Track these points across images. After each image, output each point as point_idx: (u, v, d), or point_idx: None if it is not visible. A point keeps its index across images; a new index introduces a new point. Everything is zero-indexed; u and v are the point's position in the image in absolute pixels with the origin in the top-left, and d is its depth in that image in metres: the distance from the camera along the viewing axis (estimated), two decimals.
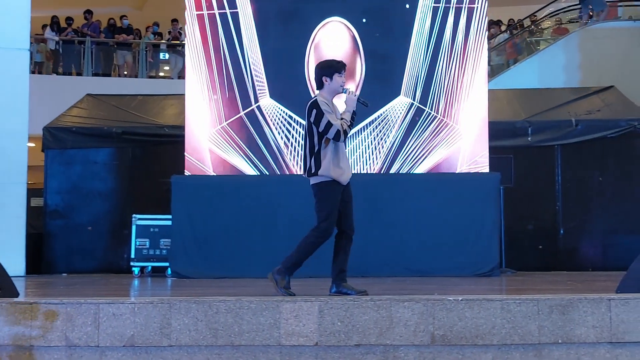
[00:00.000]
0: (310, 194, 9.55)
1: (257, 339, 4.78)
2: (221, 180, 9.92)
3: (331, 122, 5.76)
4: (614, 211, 11.09)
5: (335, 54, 9.62)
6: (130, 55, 17.58)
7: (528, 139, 11.27)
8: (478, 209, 9.60)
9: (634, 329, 4.74)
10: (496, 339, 4.72)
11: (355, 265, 9.27)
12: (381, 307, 4.78)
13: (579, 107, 11.85)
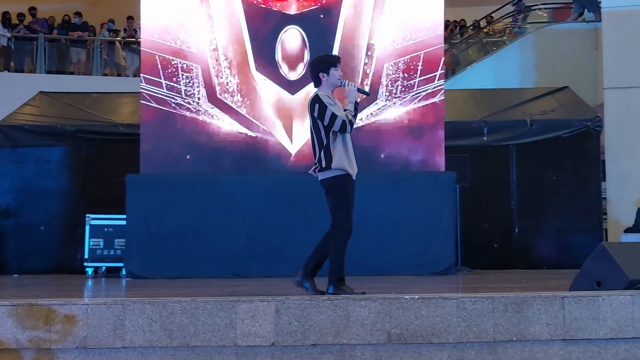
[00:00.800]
0: (267, 194, 9.65)
1: (213, 340, 4.73)
2: (177, 179, 9.81)
3: (335, 113, 5.71)
4: (568, 210, 11.24)
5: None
6: (84, 52, 17.32)
7: (484, 139, 11.37)
8: (434, 208, 9.66)
9: (587, 326, 4.80)
10: (452, 337, 4.74)
11: None
12: (338, 306, 4.77)
13: (533, 107, 11.99)
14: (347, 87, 5.93)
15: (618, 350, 4.85)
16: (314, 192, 9.71)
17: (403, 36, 10.23)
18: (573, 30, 14.74)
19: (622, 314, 4.84)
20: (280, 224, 9.54)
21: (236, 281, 8.53)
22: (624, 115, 12.33)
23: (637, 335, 4.84)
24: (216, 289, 7.14)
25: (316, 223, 9.47)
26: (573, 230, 11.13)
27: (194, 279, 8.84)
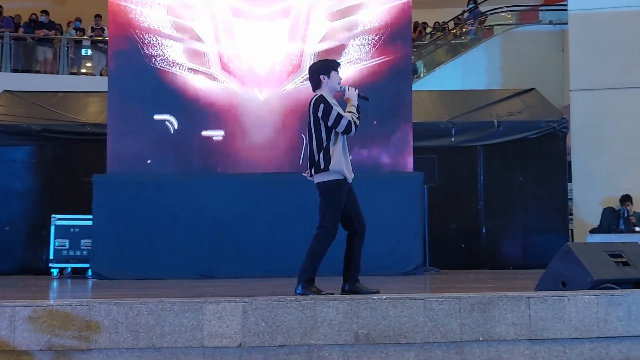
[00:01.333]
0: (235, 194, 9.61)
1: (180, 341, 4.69)
2: (144, 179, 9.74)
3: (341, 114, 5.67)
4: (534, 210, 11.35)
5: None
6: (50, 51, 17.12)
7: (451, 140, 11.44)
8: (402, 208, 9.68)
9: (552, 326, 4.84)
10: (419, 337, 4.75)
11: (281, 265, 9.36)
12: (306, 307, 4.75)
13: (500, 109, 12.10)
14: (347, 91, 5.90)
15: (583, 349, 4.90)
16: (281, 192, 9.81)
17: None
18: (540, 33, 14.89)
19: (587, 313, 4.88)
20: (248, 224, 9.52)
21: (203, 282, 8.49)
22: (590, 117, 12.48)
23: (601, 335, 4.89)
24: (183, 290, 7.09)
25: (284, 222, 9.60)
26: (539, 230, 11.25)
27: (161, 279, 8.78)
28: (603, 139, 12.37)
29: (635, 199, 11.68)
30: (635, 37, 12.43)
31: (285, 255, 9.46)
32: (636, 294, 5.00)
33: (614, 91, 12.39)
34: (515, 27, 15.50)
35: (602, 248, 5.68)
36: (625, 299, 4.95)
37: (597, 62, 12.53)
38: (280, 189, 9.65)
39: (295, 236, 9.43)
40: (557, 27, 14.67)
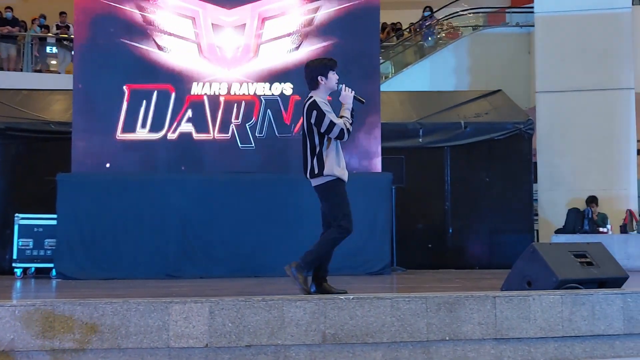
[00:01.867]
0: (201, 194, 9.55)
1: (145, 342, 4.65)
2: (109, 178, 9.64)
3: (334, 121, 5.68)
4: (500, 211, 11.45)
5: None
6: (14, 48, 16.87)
7: (419, 140, 11.49)
8: (370, 209, 9.70)
9: (517, 326, 4.87)
10: (386, 336, 4.75)
11: (248, 266, 9.35)
12: (273, 307, 4.73)
13: (467, 110, 12.18)
14: (343, 92, 5.90)
15: (547, 348, 4.94)
16: (248, 192, 9.78)
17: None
18: (507, 35, 15.00)
19: (552, 313, 4.93)
20: (214, 224, 9.48)
21: (170, 282, 8.43)
22: (555, 119, 12.61)
23: (566, 334, 4.94)
24: (149, 290, 7.03)
25: (251, 223, 9.57)
26: (505, 230, 11.34)
27: (126, 280, 8.71)
28: (568, 141, 12.51)
29: (599, 199, 11.82)
30: (600, 40, 12.59)
31: (252, 255, 9.45)
32: (600, 293, 5.06)
33: (579, 93, 12.54)
34: (482, 29, 15.60)
35: (567, 248, 5.73)
36: (589, 298, 5.01)
37: (563, 65, 12.67)
38: (248, 190, 9.62)
39: (262, 236, 9.47)
40: (524, 29, 14.79)
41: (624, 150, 12.48)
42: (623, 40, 12.61)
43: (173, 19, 9.91)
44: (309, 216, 9.53)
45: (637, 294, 5.09)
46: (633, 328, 5.04)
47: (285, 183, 9.75)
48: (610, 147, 12.45)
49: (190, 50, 9.79)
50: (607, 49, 12.58)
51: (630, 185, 12.45)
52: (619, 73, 12.57)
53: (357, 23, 10.25)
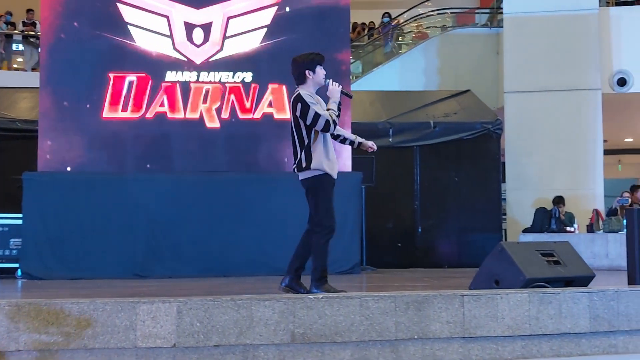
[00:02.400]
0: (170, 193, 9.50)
1: (112, 342, 4.60)
2: (76, 177, 9.56)
3: (319, 112, 5.66)
4: (469, 210, 11.52)
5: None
6: None
7: (389, 140, 11.53)
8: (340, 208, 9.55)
9: (485, 324, 4.90)
10: (355, 335, 4.75)
11: (217, 265, 9.31)
12: (241, 306, 4.71)
13: (437, 110, 12.24)
14: (330, 86, 5.89)
15: (515, 347, 4.97)
16: (216, 192, 9.76)
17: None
18: (476, 35, 15.10)
19: (519, 312, 4.96)
20: (183, 224, 9.44)
21: (137, 282, 8.37)
22: (523, 119, 12.74)
23: (533, 332, 4.97)
24: (116, 290, 6.97)
25: (220, 222, 9.54)
26: (474, 230, 11.42)
27: (93, 279, 8.63)
28: (535, 141, 12.63)
29: (566, 199, 11.95)
30: (567, 41, 12.73)
31: (221, 254, 9.42)
32: (566, 292, 5.10)
33: (547, 93, 12.67)
34: (451, 29, 15.69)
35: (534, 247, 5.77)
36: (556, 297, 5.05)
37: (531, 65, 12.79)
38: (217, 189, 9.62)
39: (231, 235, 9.44)
40: (493, 29, 14.91)
41: (591, 151, 12.63)
42: (590, 41, 12.76)
43: (149, 17, 10.14)
44: (277, 215, 9.58)
45: (603, 292, 5.15)
46: (599, 326, 5.09)
47: (254, 182, 9.76)
48: (577, 147, 12.59)
49: (165, 44, 10.13)
50: (575, 49, 12.73)
51: (597, 185, 12.61)
52: (585, 74, 12.72)
53: (326, 23, 10.33)
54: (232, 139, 10.07)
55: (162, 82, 10.00)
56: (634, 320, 5.17)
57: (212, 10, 10.12)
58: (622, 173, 20.08)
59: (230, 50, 10.13)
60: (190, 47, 10.11)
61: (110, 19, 9.98)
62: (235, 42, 10.14)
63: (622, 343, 5.19)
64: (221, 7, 10.16)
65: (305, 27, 10.25)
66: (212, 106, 10.06)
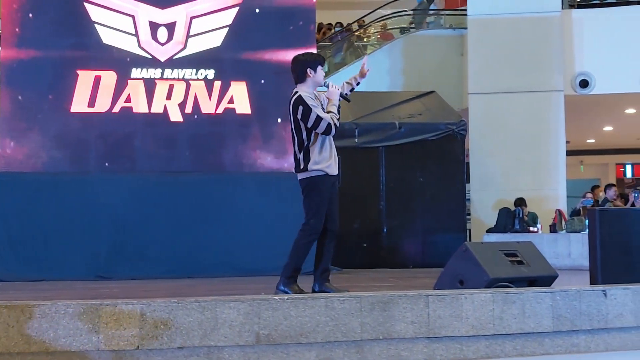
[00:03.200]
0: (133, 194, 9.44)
1: (75, 345, 4.54)
2: (38, 177, 9.45)
3: (320, 116, 5.65)
4: (434, 210, 11.57)
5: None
6: None
7: (355, 141, 11.54)
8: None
9: (449, 324, 4.92)
10: (320, 336, 4.75)
11: (182, 266, 9.26)
12: (206, 308, 4.68)
13: (402, 111, 12.28)
14: (330, 88, 5.88)
15: (479, 347, 5.00)
16: (181, 192, 9.71)
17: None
18: (440, 37, 15.19)
19: (483, 311, 4.99)
20: (147, 225, 9.38)
21: (100, 283, 8.28)
22: (487, 120, 12.84)
23: (497, 332, 5.01)
24: (79, 292, 6.89)
25: (185, 223, 9.49)
26: (438, 230, 11.47)
27: (56, 281, 8.52)
28: (499, 142, 12.74)
29: (528, 199, 12.07)
30: (530, 43, 12.86)
31: (185, 255, 9.37)
32: (530, 292, 5.15)
33: (510, 95, 12.79)
34: (416, 30, 15.76)
35: (498, 247, 5.82)
36: (519, 297, 5.09)
37: (495, 67, 12.90)
38: (181, 190, 9.59)
39: (196, 236, 9.40)
40: (457, 31, 14.99)
41: (554, 152, 12.78)
42: (553, 43, 12.90)
43: (115, 16, 10.19)
44: (243, 216, 9.57)
45: (565, 292, 5.20)
46: (561, 326, 5.15)
47: (219, 183, 9.74)
48: (540, 148, 12.73)
49: (131, 42, 10.18)
50: (538, 51, 12.86)
51: (560, 185, 12.76)
52: (548, 75, 12.86)
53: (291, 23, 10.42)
54: (197, 138, 10.07)
55: (128, 78, 10.04)
56: (595, 320, 5.23)
57: (176, 11, 10.23)
58: (584, 174, 20.37)
59: (194, 49, 10.23)
60: (154, 46, 10.17)
61: (77, 18, 9.99)
62: (198, 41, 10.24)
63: (584, 342, 5.25)
64: (185, 7, 10.26)
65: (268, 27, 10.34)
66: (175, 101, 10.12)
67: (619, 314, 5.31)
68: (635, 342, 5.39)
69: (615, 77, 13.06)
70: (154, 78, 10.11)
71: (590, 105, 14.21)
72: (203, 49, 10.24)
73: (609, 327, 5.29)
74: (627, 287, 5.40)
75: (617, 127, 17.47)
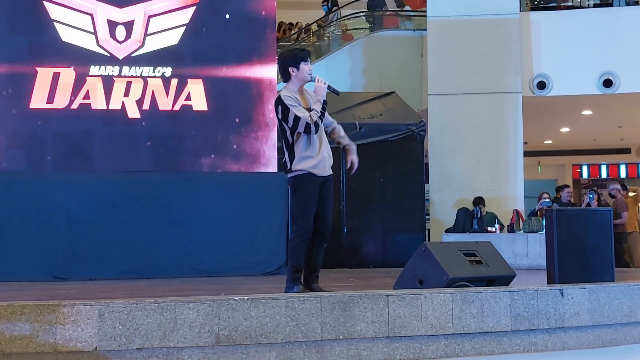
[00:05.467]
0: (91, 194, 9.36)
1: (31, 346, 4.47)
2: None
3: (298, 115, 5.57)
4: (394, 210, 11.63)
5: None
6: None
7: None
8: (266, 208, 9.73)
9: (409, 324, 4.95)
10: (280, 337, 4.74)
11: (140, 267, 9.19)
12: (165, 309, 4.64)
13: (362, 111, 12.31)
14: (316, 83, 5.79)
15: (438, 346, 5.04)
16: (139, 192, 9.63)
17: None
18: (400, 38, 15.26)
19: (442, 311, 5.03)
20: (105, 225, 9.30)
21: (57, 284, 8.17)
22: (446, 121, 12.93)
23: (456, 331, 5.05)
24: (35, 293, 6.79)
25: (143, 223, 9.43)
26: (398, 229, 11.53)
27: (11, 282, 8.37)
28: (458, 142, 12.84)
29: (487, 199, 12.18)
30: (489, 45, 12.98)
31: (144, 256, 9.29)
32: (488, 291, 5.20)
33: (469, 96, 12.89)
34: (376, 31, 15.80)
35: (457, 247, 5.85)
36: (478, 296, 5.14)
37: (454, 68, 12.99)
38: (140, 190, 9.52)
39: (155, 237, 9.34)
40: (417, 32, 15.07)
41: (512, 152, 12.92)
42: (511, 45, 13.03)
43: (74, 14, 10.11)
44: (202, 217, 9.53)
45: (523, 291, 5.27)
46: (519, 325, 5.21)
47: (178, 183, 9.69)
48: (499, 149, 12.85)
49: (89, 40, 10.14)
50: (496, 53, 12.98)
51: (518, 186, 12.90)
52: (507, 77, 12.99)
53: (250, 20, 10.42)
54: (156, 137, 10.01)
55: (87, 76, 9.99)
56: (552, 319, 5.31)
57: (134, 9, 10.22)
58: (542, 174, 20.64)
59: (151, 47, 10.22)
60: (113, 44, 10.13)
61: (36, 16, 9.90)
62: (156, 39, 10.23)
63: (541, 341, 5.32)
64: (143, 6, 10.24)
65: (225, 25, 10.38)
66: (133, 98, 10.09)
67: (575, 313, 5.39)
68: (592, 340, 5.49)
69: (572, 79, 13.24)
70: (112, 75, 10.06)
71: (548, 107, 14.39)
72: (160, 47, 10.23)
73: (566, 326, 5.37)
74: (583, 287, 5.49)
75: (574, 128, 17.72)
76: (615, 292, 5.58)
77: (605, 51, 13.11)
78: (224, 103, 10.23)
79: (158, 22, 10.26)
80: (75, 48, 9.99)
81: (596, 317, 5.47)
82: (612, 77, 13.05)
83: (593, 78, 13.16)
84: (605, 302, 5.52)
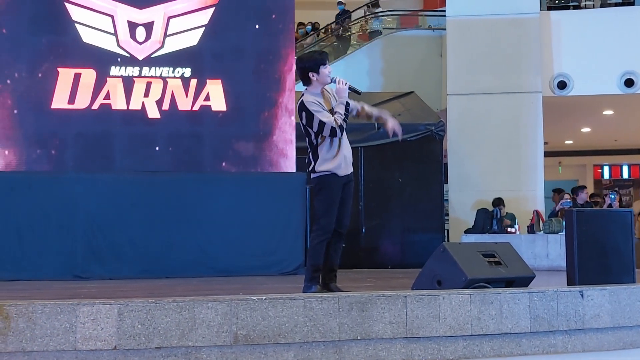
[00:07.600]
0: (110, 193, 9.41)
1: (52, 344, 4.51)
2: (14, 176, 9.39)
3: (323, 120, 5.61)
4: (412, 210, 11.61)
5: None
6: None
7: None
8: (284, 209, 9.73)
9: (427, 325, 4.94)
10: (298, 337, 4.74)
11: (159, 267, 9.23)
12: (184, 308, 4.66)
13: None
14: (337, 85, 5.80)
15: (457, 347, 5.02)
16: (158, 192, 9.69)
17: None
18: (419, 37, 15.24)
19: (461, 312, 5.01)
20: (124, 224, 9.36)
21: (77, 283, 8.23)
22: (465, 121, 12.89)
23: (474, 332, 5.03)
24: (56, 292, 6.84)
25: (161, 223, 9.48)
26: (417, 230, 11.51)
27: (32, 281, 8.45)
28: (477, 143, 12.79)
29: (507, 200, 12.13)
30: (508, 44, 12.92)
31: (162, 255, 9.35)
32: (507, 292, 5.17)
33: (489, 96, 12.84)
34: (395, 31, 15.78)
35: (476, 248, 5.82)
36: (497, 297, 5.12)
37: (473, 68, 12.95)
38: (158, 190, 9.57)
39: (174, 236, 9.38)
40: (436, 32, 15.04)
41: (532, 153, 12.85)
42: (531, 45, 12.97)
43: (95, 16, 10.22)
44: (220, 216, 9.56)
45: (543, 292, 5.23)
46: (539, 326, 5.18)
47: (196, 182, 9.73)
48: (518, 149, 12.79)
49: (110, 41, 10.23)
50: (516, 53, 12.93)
51: (537, 186, 12.83)
52: (526, 77, 12.93)
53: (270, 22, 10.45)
54: (175, 137, 10.05)
55: (107, 76, 10.06)
56: (572, 320, 5.27)
57: (153, 10, 10.29)
58: (563, 175, 20.51)
59: (171, 48, 10.28)
60: (133, 44, 10.18)
61: (57, 18, 10.00)
62: (175, 40, 10.30)
63: (561, 343, 5.28)
64: (163, 7, 10.31)
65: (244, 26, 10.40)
66: (153, 98, 10.15)
67: (595, 314, 5.35)
68: (612, 342, 5.44)
69: (593, 79, 13.15)
70: (132, 76, 10.13)
71: (569, 107, 14.31)
72: (180, 47, 10.29)
73: (585, 328, 5.33)
74: (603, 288, 5.45)
75: (595, 128, 17.60)
76: (636, 294, 5.53)
77: (626, 50, 13.02)
78: (243, 103, 10.25)
79: (178, 23, 10.33)
80: (96, 49, 10.08)
81: (616, 318, 5.42)
82: (633, 77, 12.96)
83: (614, 78, 13.07)
84: (625, 303, 5.47)
